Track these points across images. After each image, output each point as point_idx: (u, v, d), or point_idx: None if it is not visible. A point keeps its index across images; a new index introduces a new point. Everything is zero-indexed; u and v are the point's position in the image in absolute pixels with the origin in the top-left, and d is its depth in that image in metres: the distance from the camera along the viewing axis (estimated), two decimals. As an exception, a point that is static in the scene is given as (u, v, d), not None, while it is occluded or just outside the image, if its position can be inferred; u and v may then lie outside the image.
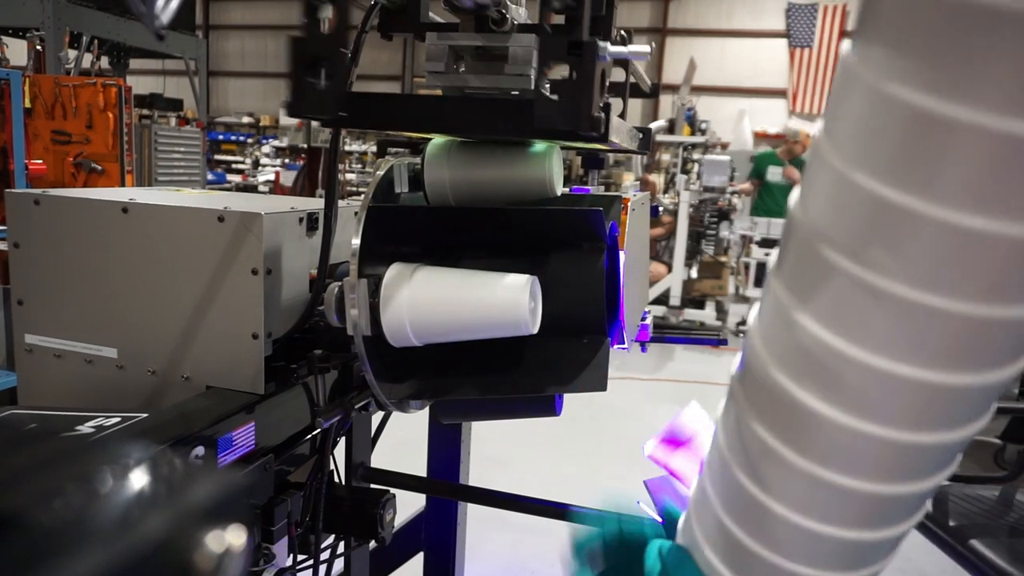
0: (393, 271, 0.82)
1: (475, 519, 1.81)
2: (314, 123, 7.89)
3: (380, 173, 0.89)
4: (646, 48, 0.79)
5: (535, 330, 0.80)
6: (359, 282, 0.81)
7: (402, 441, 1.78)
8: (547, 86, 0.73)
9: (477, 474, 1.72)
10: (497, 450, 3.37)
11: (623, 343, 1.01)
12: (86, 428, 0.64)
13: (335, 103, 0.78)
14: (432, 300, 0.80)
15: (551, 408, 0.97)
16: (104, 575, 0.13)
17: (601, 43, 0.70)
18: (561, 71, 0.73)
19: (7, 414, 0.63)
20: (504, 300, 0.78)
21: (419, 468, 1.59)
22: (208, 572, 0.14)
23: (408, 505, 1.64)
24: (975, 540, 1.91)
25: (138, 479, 0.15)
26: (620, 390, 4.52)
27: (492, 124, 0.78)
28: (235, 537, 0.15)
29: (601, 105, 0.72)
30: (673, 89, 10.03)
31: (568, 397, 0.97)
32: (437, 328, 0.81)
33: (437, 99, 0.82)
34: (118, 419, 0.72)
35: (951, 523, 2.00)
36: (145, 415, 0.77)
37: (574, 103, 0.70)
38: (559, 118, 0.70)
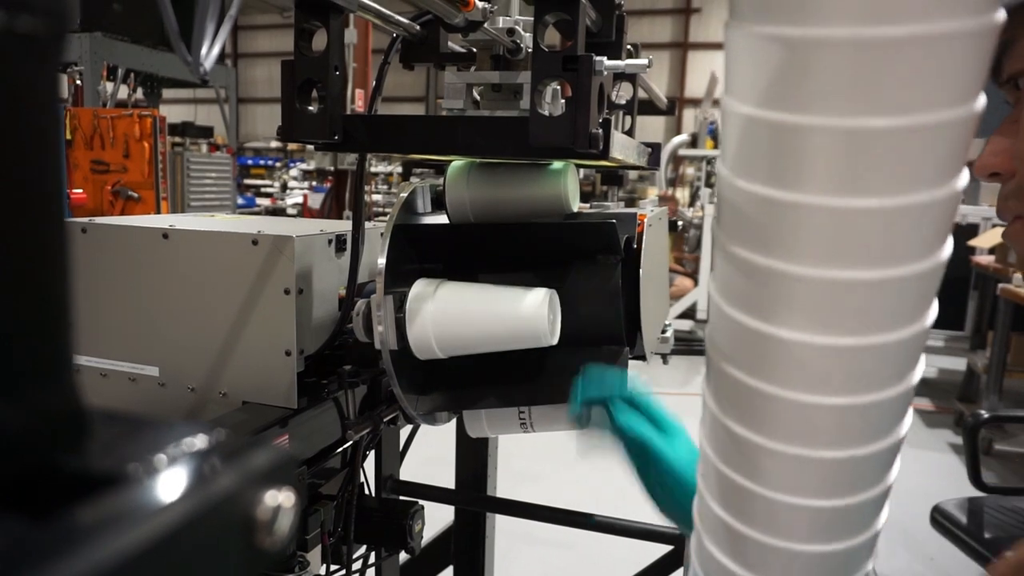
0: (417, 287, 0.86)
1: (504, 533, 1.83)
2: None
3: (404, 195, 0.94)
4: (644, 61, 0.79)
5: (555, 341, 0.84)
6: (385, 299, 0.85)
7: (431, 458, 1.81)
8: (549, 104, 0.72)
9: (507, 489, 1.74)
10: (527, 465, 3.38)
11: (642, 355, 1.03)
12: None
13: (328, 127, 0.77)
14: (455, 314, 0.84)
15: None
16: (186, 528, 0.17)
17: (597, 57, 0.69)
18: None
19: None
20: (524, 314, 0.82)
21: (448, 484, 1.62)
22: (268, 523, 0.18)
23: (438, 520, 1.67)
24: (1011, 553, 1.88)
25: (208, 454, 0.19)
26: (648, 405, 4.50)
27: (490, 144, 0.78)
28: (287, 498, 0.18)
29: (600, 121, 0.71)
30: (695, 103, 10.00)
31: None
32: (460, 341, 0.85)
33: (434, 120, 0.83)
34: (162, 433, 0.77)
35: (986, 535, 1.97)
36: (186, 429, 0.81)
37: (571, 119, 0.68)
38: (555, 135, 0.69)
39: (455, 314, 0.84)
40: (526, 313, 0.81)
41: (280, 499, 0.19)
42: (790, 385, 0.41)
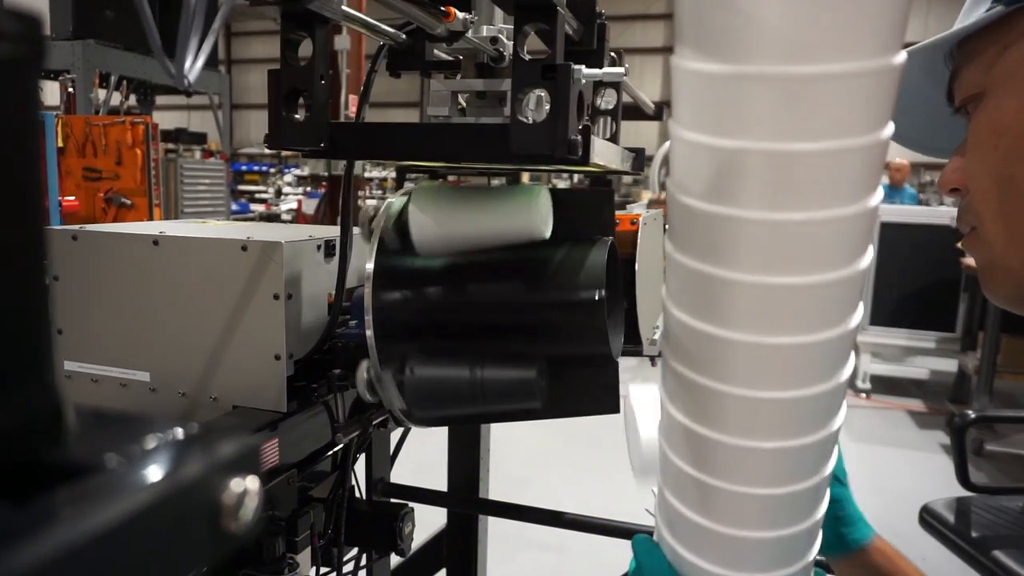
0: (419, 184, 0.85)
1: (497, 536, 1.84)
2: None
3: (392, 201, 0.95)
4: (620, 70, 0.82)
5: (547, 235, 0.82)
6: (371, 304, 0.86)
7: (425, 463, 1.83)
8: (533, 112, 0.72)
9: (500, 493, 1.74)
10: (519, 468, 3.40)
11: (639, 352, 1.05)
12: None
13: (314, 134, 0.78)
14: (456, 204, 0.83)
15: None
16: (151, 514, 0.19)
17: (575, 66, 0.69)
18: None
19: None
20: (519, 207, 0.81)
21: (442, 489, 1.63)
22: (233, 508, 0.19)
23: (432, 524, 1.67)
24: (998, 551, 1.90)
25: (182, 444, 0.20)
26: (641, 408, 4.52)
27: (471, 150, 0.79)
28: (251, 484, 0.20)
29: (580, 127, 0.72)
30: (688, 107, 9.96)
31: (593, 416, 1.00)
32: (459, 232, 0.83)
33: (417, 127, 0.84)
34: (152, 437, 0.78)
35: (974, 534, 1.99)
36: (176, 433, 0.82)
37: (550, 127, 0.69)
38: (535, 142, 0.70)
39: (456, 204, 0.83)
40: (520, 206, 0.81)
41: (245, 485, 0.20)
42: (742, 328, 0.44)
